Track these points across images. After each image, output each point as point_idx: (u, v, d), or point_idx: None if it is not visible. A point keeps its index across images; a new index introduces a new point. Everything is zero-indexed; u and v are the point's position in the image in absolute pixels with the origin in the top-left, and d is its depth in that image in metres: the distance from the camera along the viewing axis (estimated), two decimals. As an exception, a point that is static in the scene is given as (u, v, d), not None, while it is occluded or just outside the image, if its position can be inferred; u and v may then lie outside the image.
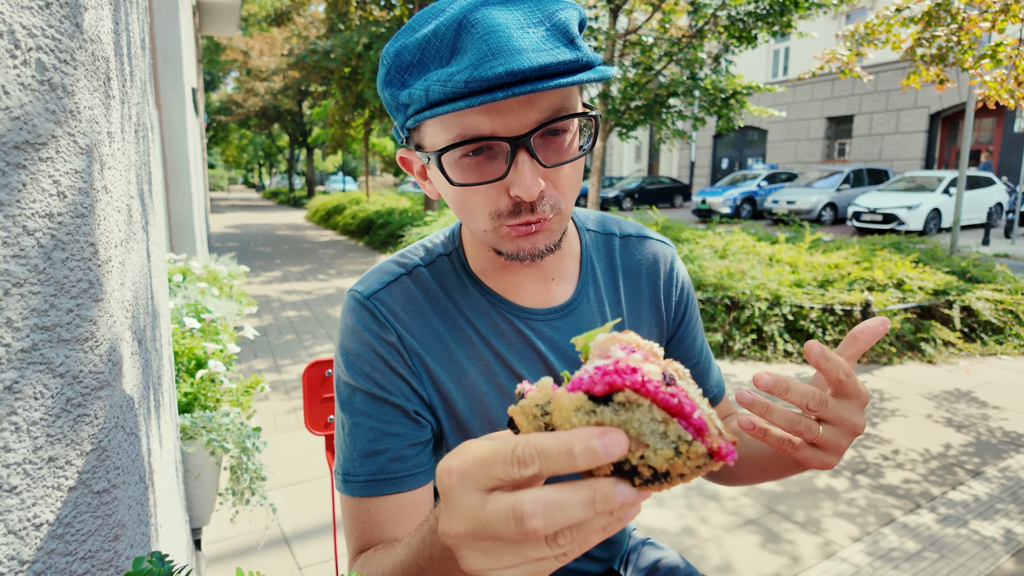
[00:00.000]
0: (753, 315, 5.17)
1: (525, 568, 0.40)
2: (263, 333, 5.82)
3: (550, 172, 0.71)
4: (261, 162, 49.91)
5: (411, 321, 0.83)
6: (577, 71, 0.65)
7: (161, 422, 0.98)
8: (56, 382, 0.56)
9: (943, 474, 3.11)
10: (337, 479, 0.82)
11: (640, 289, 0.95)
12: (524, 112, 0.67)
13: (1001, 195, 15.03)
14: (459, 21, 0.65)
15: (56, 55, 0.54)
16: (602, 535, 0.40)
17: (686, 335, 0.99)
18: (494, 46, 0.63)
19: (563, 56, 0.64)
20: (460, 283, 0.86)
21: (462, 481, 0.40)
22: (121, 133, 0.71)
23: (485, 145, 0.69)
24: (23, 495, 0.54)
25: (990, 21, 4.37)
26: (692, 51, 8.88)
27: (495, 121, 0.66)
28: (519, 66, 0.61)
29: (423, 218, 11.15)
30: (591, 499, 0.36)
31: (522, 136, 0.67)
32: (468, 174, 0.71)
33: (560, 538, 0.38)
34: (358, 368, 0.81)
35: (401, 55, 0.69)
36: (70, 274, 0.56)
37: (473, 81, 0.62)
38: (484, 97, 0.62)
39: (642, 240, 0.98)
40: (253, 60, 24.22)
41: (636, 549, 1.10)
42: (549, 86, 0.62)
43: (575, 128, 0.73)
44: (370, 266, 10.46)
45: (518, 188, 0.68)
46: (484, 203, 0.72)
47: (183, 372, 1.91)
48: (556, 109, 0.68)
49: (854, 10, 21.06)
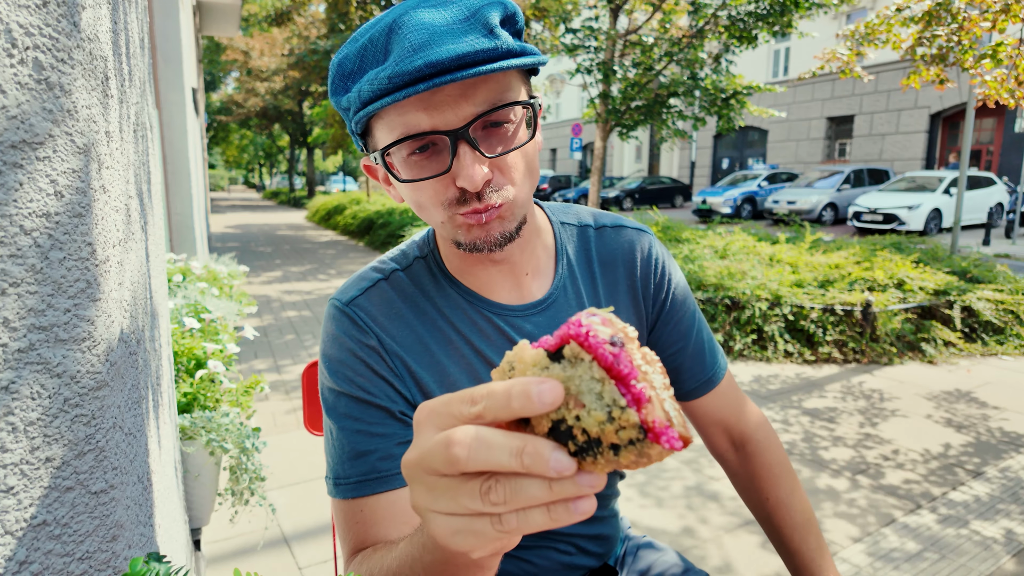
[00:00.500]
0: (753, 315, 5.17)
1: (460, 521, 0.40)
2: (263, 333, 5.82)
3: (496, 161, 0.73)
4: (261, 162, 49.93)
5: (390, 324, 0.84)
6: (496, 59, 0.67)
7: (160, 422, 0.98)
8: (53, 382, 0.55)
9: (944, 474, 3.10)
10: (328, 485, 0.82)
11: (616, 279, 0.95)
12: (459, 106, 0.69)
13: (1002, 195, 15.02)
14: (390, 25, 0.69)
15: (53, 54, 0.54)
16: (546, 518, 0.38)
17: (670, 319, 0.98)
18: (415, 42, 0.66)
19: (480, 45, 0.66)
20: (436, 284, 0.88)
21: (428, 417, 0.41)
22: (119, 132, 0.71)
23: (430, 141, 0.72)
24: (20, 496, 0.54)
25: (991, 21, 4.37)
26: (692, 51, 8.88)
27: (433, 117, 0.69)
28: (437, 57, 0.64)
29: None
30: (520, 448, 0.36)
31: (460, 128, 0.69)
32: (416, 171, 0.73)
33: (492, 493, 0.37)
34: (341, 373, 0.82)
35: (343, 64, 0.73)
36: (67, 274, 0.56)
37: (396, 76, 0.65)
38: (408, 91, 0.65)
39: (617, 229, 0.98)
40: (254, 60, 24.24)
41: (634, 551, 1.09)
42: (468, 74, 0.64)
43: (520, 117, 0.75)
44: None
45: (462, 179, 0.70)
46: (433, 196, 0.74)
47: (183, 372, 1.91)
48: (492, 101, 0.70)
49: (854, 10, 21.06)
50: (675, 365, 0.99)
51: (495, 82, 0.71)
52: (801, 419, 3.82)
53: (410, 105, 0.69)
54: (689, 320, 1.00)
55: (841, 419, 3.82)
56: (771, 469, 1.00)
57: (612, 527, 1.03)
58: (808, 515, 0.98)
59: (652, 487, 2.99)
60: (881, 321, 5.08)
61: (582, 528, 0.97)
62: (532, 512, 0.38)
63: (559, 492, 0.37)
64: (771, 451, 1.01)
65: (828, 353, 5.02)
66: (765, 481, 1.00)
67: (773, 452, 1.01)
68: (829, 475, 3.10)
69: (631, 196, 21.81)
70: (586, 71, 9.39)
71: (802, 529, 0.96)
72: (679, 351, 0.99)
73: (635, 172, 29.89)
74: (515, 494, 0.37)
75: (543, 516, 0.38)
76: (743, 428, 1.03)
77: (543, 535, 0.95)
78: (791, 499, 0.98)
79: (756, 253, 6.56)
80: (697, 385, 1.00)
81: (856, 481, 3.04)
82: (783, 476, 1.00)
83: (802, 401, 4.13)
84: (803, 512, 0.97)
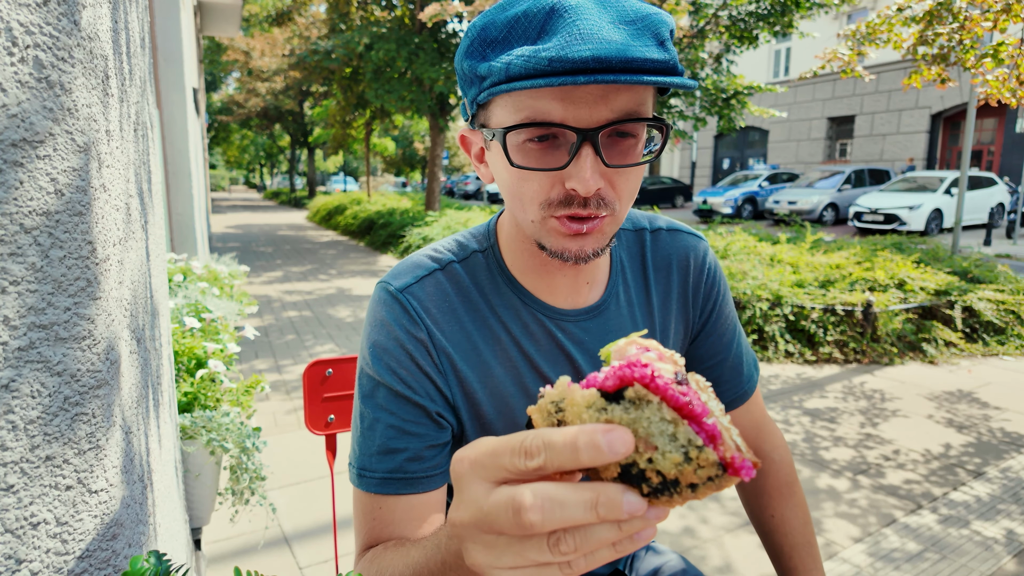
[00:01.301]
0: (754, 315, 5.17)
1: (527, 573, 0.39)
2: (264, 333, 5.82)
3: (610, 172, 0.69)
4: (262, 162, 49.94)
5: (442, 318, 0.82)
6: (662, 73, 0.64)
7: (160, 421, 0.98)
8: (53, 380, 0.55)
9: (944, 474, 3.10)
10: (352, 472, 0.81)
11: (670, 284, 0.93)
12: (597, 107, 0.65)
13: (1003, 195, 15.01)
14: (552, 6, 0.65)
15: (54, 52, 0.54)
16: (612, 553, 0.37)
17: (713, 331, 0.97)
18: (584, 31, 0.62)
19: (652, 54, 0.63)
20: (493, 281, 0.85)
21: (472, 470, 0.40)
22: (120, 131, 0.71)
23: (551, 133, 0.68)
24: (20, 494, 0.54)
25: (992, 20, 4.37)
26: (693, 51, 8.88)
27: (567, 110, 0.65)
28: (607, 54, 0.61)
29: (424, 218, 11.15)
30: (594, 501, 0.35)
31: (591, 130, 0.65)
32: (529, 159, 0.70)
33: (563, 543, 0.36)
34: (384, 362, 0.79)
35: (488, 29, 0.68)
36: (68, 272, 0.56)
37: (557, 60, 0.61)
38: (565, 79, 0.60)
39: (673, 234, 0.96)
40: (254, 60, 24.23)
41: (637, 554, 1.09)
42: (633, 80, 0.61)
43: (643, 135, 0.71)
44: (371, 266, 10.41)
45: (575, 181, 0.67)
46: (537, 191, 0.71)
47: (183, 372, 1.91)
48: (629, 111, 0.67)
49: (855, 10, 21.04)
50: (714, 377, 0.98)
51: (636, 93, 0.67)
52: (802, 419, 3.82)
53: (546, 91, 0.65)
54: (731, 332, 0.99)
55: (842, 419, 3.82)
56: (780, 489, 1.00)
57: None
58: (809, 537, 0.98)
59: (653, 487, 2.99)
60: (882, 321, 5.08)
61: None
62: (599, 551, 0.38)
63: (628, 531, 0.36)
64: (783, 471, 1.01)
65: (829, 353, 5.02)
66: (772, 499, 1.00)
67: (785, 472, 1.01)
68: (830, 475, 3.09)
69: (632, 196, 21.77)
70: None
71: (801, 549, 0.97)
72: (719, 363, 0.98)
73: (636, 172, 29.83)
74: (585, 541, 0.36)
75: (610, 553, 0.38)
76: (761, 445, 1.02)
77: None
78: (795, 520, 0.98)
79: (757, 253, 6.55)
80: (733, 399, 0.99)
81: (857, 481, 3.04)
82: (790, 496, 1.00)
83: (803, 401, 4.13)
84: (804, 534, 0.98)
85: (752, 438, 1.02)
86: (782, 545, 0.98)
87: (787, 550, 0.98)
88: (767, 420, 1.04)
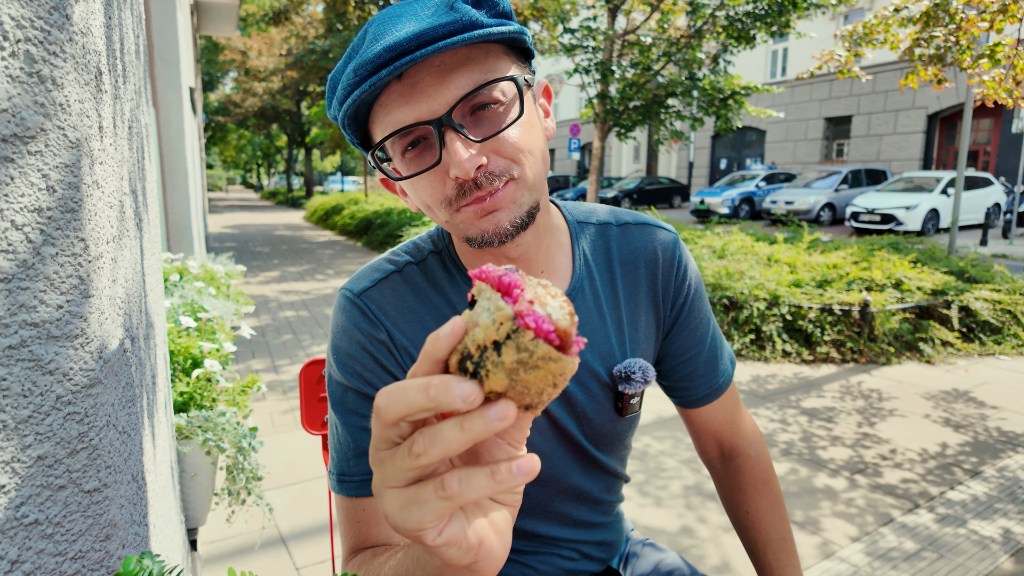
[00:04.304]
0: (752, 315, 5.17)
1: (405, 493, 0.41)
2: (261, 333, 5.80)
3: (490, 144, 0.69)
4: (259, 162, 49.88)
5: (401, 319, 0.83)
6: (457, 33, 0.64)
7: (155, 421, 0.97)
8: (45, 379, 0.55)
9: (941, 474, 3.10)
10: (332, 480, 0.82)
11: (637, 279, 0.92)
12: (439, 93, 0.67)
13: (999, 196, 15.05)
14: (364, 31, 0.69)
15: (45, 47, 0.53)
16: (489, 480, 0.39)
17: (686, 325, 0.96)
18: (378, 34, 0.66)
19: (437, 20, 0.64)
20: (451, 278, 0.86)
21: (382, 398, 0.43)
22: (113, 128, 0.70)
23: (418, 136, 0.70)
24: (11, 494, 0.53)
25: (988, 21, 4.38)
26: (690, 51, 8.88)
27: (414, 108, 0.67)
28: (395, 39, 0.63)
29: (421, 217, 11.15)
30: (427, 384, 0.38)
31: (442, 116, 0.66)
32: (410, 167, 0.72)
33: (415, 445, 0.39)
34: (349, 367, 0.81)
35: (333, 78, 0.73)
36: (60, 270, 0.56)
37: (360, 67, 0.64)
38: (372, 79, 0.64)
39: (641, 228, 0.94)
40: (251, 60, 24.20)
41: (636, 552, 1.09)
42: (427, 52, 0.62)
43: (510, 95, 0.71)
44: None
45: (454, 168, 0.67)
46: (433, 192, 0.72)
47: (179, 371, 1.90)
48: (474, 82, 0.67)
49: (852, 10, 21.09)
50: (687, 371, 0.97)
51: (474, 63, 0.67)
52: (799, 419, 3.82)
53: (393, 102, 0.67)
54: (705, 327, 0.97)
55: (839, 419, 3.82)
56: (755, 485, 1.00)
57: (615, 532, 1.02)
58: (784, 533, 0.98)
59: (651, 487, 2.99)
60: (879, 321, 5.08)
61: (585, 534, 0.96)
62: (473, 475, 0.39)
63: (470, 429, 0.37)
64: (759, 467, 1.01)
65: (826, 353, 5.02)
66: (747, 495, 1.00)
67: (761, 468, 1.01)
68: (827, 475, 3.09)
69: (629, 196, 21.81)
70: (584, 71, 9.39)
71: (776, 546, 0.97)
72: (693, 357, 0.97)
73: (633, 172, 29.92)
74: (432, 439, 0.38)
75: (485, 479, 0.39)
76: (735, 440, 1.02)
77: (546, 541, 0.94)
78: (770, 515, 0.98)
79: (754, 253, 6.56)
80: (707, 393, 0.98)
81: (854, 481, 3.04)
82: (766, 492, 1.00)
83: (800, 401, 4.13)
84: (780, 530, 0.98)
85: (728, 434, 1.02)
86: (756, 541, 0.98)
87: (761, 546, 0.98)
88: (743, 415, 1.03)
